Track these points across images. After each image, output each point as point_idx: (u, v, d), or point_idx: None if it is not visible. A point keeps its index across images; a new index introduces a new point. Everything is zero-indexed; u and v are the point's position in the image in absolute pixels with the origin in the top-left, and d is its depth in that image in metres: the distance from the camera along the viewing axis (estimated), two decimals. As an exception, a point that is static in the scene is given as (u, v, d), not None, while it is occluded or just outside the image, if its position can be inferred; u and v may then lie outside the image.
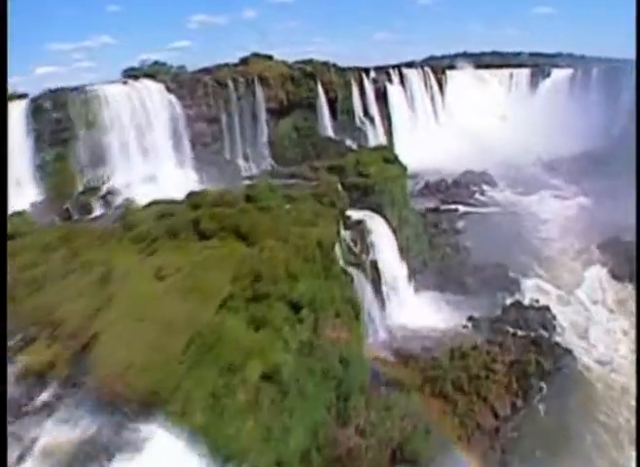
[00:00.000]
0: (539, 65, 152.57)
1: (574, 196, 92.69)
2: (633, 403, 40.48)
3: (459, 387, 42.51)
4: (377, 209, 53.74)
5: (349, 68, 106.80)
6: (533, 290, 59.94)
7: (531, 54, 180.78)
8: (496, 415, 41.51)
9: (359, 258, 47.69)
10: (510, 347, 48.06)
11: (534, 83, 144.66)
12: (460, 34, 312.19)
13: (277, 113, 70.23)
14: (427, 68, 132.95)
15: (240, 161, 66.60)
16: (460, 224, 78.38)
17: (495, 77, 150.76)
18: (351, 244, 47.81)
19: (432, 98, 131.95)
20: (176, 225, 38.12)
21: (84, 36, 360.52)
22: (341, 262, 43.65)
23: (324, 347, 34.23)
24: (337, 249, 43.24)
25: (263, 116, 67.61)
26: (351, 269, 44.43)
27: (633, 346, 48.14)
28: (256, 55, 75.19)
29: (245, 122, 66.80)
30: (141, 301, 30.26)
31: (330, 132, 73.88)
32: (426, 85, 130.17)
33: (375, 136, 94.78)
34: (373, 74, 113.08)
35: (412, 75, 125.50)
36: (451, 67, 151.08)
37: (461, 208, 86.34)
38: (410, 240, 58.95)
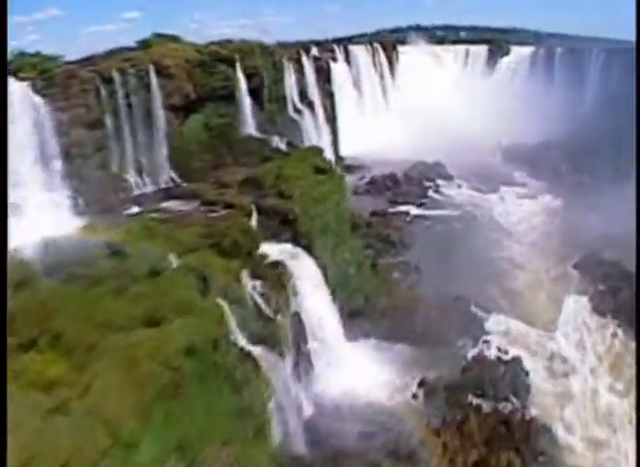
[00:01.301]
0: (496, 41, 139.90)
1: (540, 194, 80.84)
2: None
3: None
4: (303, 242, 40.38)
5: (285, 45, 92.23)
6: (500, 333, 47.76)
7: (485, 29, 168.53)
8: None
9: (272, 325, 34.20)
10: (473, 435, 35.86)
11: (491, 61, 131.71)
12: (412, 6, 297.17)
13: (182, 110, 52.91)
14: (376, 44, 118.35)
15: (131, 176, 50.13)
16: (411, 233, 65.25)
17: (450, 53, 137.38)
18: (262, 305, 34.36)
19: (381, 77, 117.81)
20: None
21: (32, 8, 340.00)
22: (243, 340, 30.36)
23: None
24: (236, 325, 29.85)
25: (161, 115, 51.13)
26: (257, 350, 31.06)
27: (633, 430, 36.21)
28: (159, 36, 58.93)
29: (138, 124, 50.07)
30: None
31: (252, 129, 58.58)
32: (375, 62, 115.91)
33: (315, 125, 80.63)
34: (314, 51, 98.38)
35: (360, 52, 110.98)
36: (402, 42, 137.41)
37: (412, 210, 73.41)
38: (348, 274, 45.85)
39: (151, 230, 32.64)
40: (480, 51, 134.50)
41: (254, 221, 40.22)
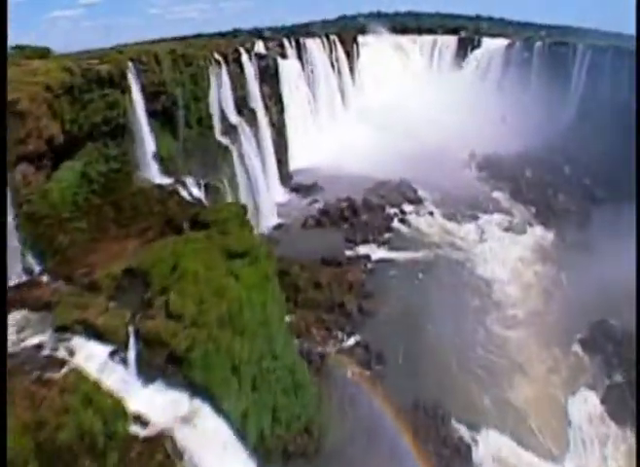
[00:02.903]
0: (465, 31, 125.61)
1: (526, 223, 67.10)
2: None
3: None
4: (202, 391, 25.50)
5: (221, 39, 76.56)
6: (494, 470, 34.11)
7: (453, 17, 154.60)
8: None
9: None
10: None
11: (460, 55, 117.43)
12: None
13: (47, 159, 32.50)
14: (333, 36, 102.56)
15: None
16: (372, 292, 50.90)
17: (415, 45, 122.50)
18: None
19: (339, 75, 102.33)
20: None
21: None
22: None
23: None
24: None
25: (6, 174, 31.69)
26: None
27: None
28: (20, 49, 40.96)
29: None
30: None
31: (155, 172, 41.21)
32: (332, 58, 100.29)
33: (256, 141, 64.44)
34: (259, 47, 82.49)
35: (314, 46, 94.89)
36: (364, 31, 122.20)
37: (374, 252, 59.06)
38: (281, 403, 31.19)
39: None
40: (449, 42, 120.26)
41: (132, 354, 25.36)
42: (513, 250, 59.10)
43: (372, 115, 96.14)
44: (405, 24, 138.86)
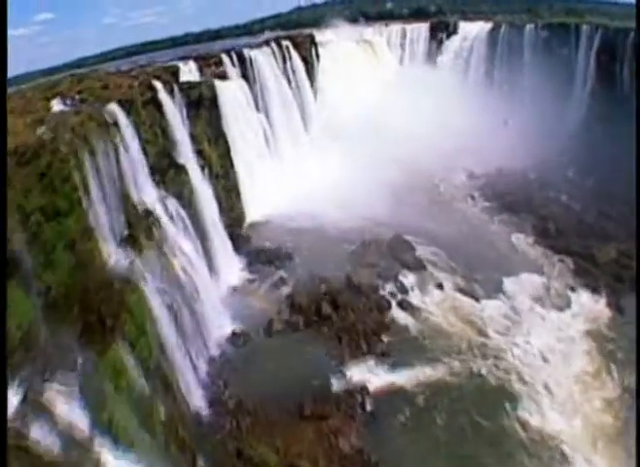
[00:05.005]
0: (436, 14, 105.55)
1: (567, 287, 48.06)
2: None
3: None
4: None
5: (135, 72, 54.95)
6: None
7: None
8: None
9: None
10: None
11: (435, 45, 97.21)
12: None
13: None
14: (286, 42, 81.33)
15: None
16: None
17: (382, 38, 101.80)
18: None
19: (297, 88, 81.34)
20: None
21: None
22: None
23: None
24: None
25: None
26: None
27: None
28: None
29: None
30: None
31: None
32: (286, 70, 79.19)
33: (192, 212, 44.86)
34: (190, 70, 61.48)
35: (262, 58, 73.16)
36: (319, 25, 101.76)
37: (372, 376, 39.77)
38: None
39: None
40: (420, 30, 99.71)
41: None
42: (566, 358, 39.52)
43: (340, 137, 75.84)
44: (363, 10, 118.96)
